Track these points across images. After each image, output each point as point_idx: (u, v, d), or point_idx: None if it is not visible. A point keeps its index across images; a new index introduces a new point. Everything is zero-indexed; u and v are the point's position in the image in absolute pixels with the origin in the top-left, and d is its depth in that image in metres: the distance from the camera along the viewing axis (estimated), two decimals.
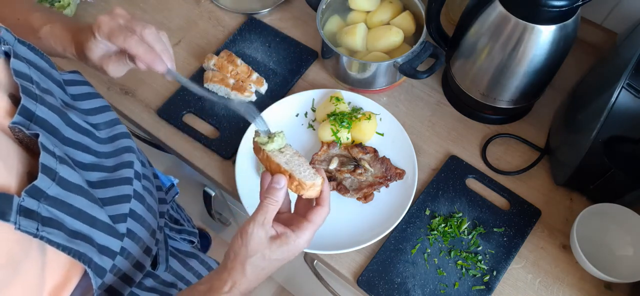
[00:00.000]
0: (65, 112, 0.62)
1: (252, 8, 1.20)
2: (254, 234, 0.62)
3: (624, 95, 0.73)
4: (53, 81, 0.64)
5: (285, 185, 0.65)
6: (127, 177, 0.68)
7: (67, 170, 0.55)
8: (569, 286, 0.85)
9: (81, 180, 0.58)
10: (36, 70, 0.61)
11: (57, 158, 0.54)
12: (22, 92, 0.55)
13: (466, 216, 0.90)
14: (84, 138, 0.65)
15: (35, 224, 0.50)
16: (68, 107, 0.65)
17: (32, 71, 0.59)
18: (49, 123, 0.58)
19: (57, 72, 0.66)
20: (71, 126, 0.63)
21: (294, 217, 0.68)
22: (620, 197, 0.85)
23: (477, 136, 1.01)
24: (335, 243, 0.86)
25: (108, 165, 0.67)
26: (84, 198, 0.57)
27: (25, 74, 0.57)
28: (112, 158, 0.69)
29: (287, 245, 0.63)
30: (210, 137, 1.01)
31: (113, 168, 0.68)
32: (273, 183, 0.65)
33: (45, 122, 0.57)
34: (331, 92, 1.01)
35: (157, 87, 1.08)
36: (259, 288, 2.08)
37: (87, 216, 0.58)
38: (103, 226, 0.60)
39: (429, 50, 0.98)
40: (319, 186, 0.68)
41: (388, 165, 0.92)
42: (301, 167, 0.68)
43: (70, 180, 0.56)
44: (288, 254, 0.64)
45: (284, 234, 0.63)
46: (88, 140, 0.66)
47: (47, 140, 0.54)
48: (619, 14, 1.02)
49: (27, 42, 0.62)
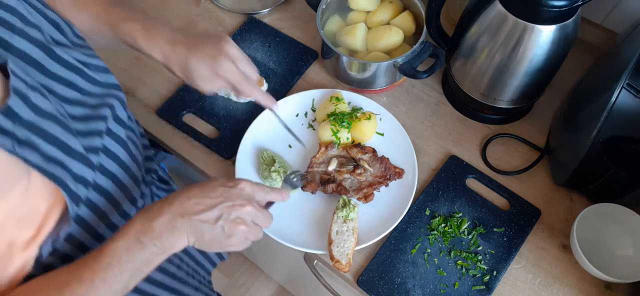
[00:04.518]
0: (51, 48, 0.64)
1: (252, 8, 1.20)
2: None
3: (624, 95, 0.73)
4: (47, 19, 0.66)
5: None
6: (103, 115, 0.70)
7: (39, 97, 0.58)
8: (569, 286, 0.85)
9: (54, 110, 0.60)
10: (27, 5, 0.63)
11: (28, 86, 0.56)
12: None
13: (466, 216, 0.90)
14: (71, 74, 0.67)
15: (12, 142, 0.53)
16: (59, 45, 0.67)
17: (20, 4, 0.61)
18: (29, 55, 0.60)
19: (52, 12, 0.68)
20: (57, 61, 0.65)
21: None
22: (620, 197, 0.85)
23: (477, 136, 1.01)
24: None
25: (91, 103, 0.70)
26: (58, 125, 0.60)
27: (9, 6, 0.59)
28: (97, 98, 0.71)
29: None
30: (210, 137, 1.01)
31: (95, 107, 0.70)
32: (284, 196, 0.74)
33: (23, 53, 0.60)
34: (331, 92, 1.01)
35: (157, 87, 1.08)
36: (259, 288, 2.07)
37: (62, 143, 0.60)
38: (77, 155, 0.62)
39: (429, 50, 0.98)
40: (340, 269, 0.82)
41: (387, 164, 0.92)
42: (344, 244, 0.83)
43: (42, 107, 0.58)
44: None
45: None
46: (75, 77, 0.68)
47: (18, 68, 0.56)
48: (619, 14, 1.02)
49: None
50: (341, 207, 0.85)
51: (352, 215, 0.85)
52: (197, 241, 0.65)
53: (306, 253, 0.95)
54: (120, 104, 0.75)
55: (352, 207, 0.85)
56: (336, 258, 0.82)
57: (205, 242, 0.65)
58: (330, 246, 0.83)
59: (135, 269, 0.62)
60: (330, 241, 0.83)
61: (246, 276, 1.91)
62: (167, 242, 0.63)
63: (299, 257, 1.05)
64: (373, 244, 0.88)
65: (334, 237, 0.83)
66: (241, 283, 1.89)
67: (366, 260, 0.87)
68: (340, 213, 0.84)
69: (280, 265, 1.57)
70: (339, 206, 0.86)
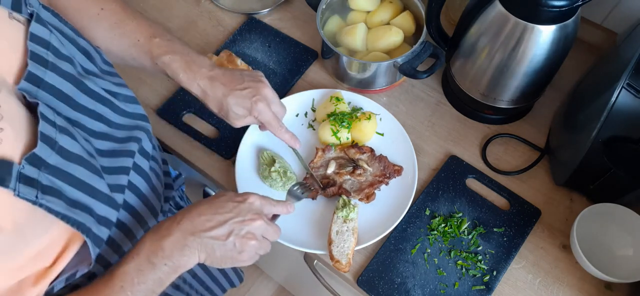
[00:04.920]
0: (82, 80, 0.63)
1: (252, 8, 1.20)
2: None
3: (624, 95, 0.73)
4: (78, 48, 0.65)
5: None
6: (131, 150, 0.70)
7: (67, 139, 0.57)
8: (569, 286, 0.85)
9: (82, 150, 0.59)
10: (60, 36, 0.61)
11: (57, 128, 0.55)
12: (30, 58, 0.56)
13: (466, 216, 0.90)
14: (100, 107, 0.66)
15: (35, 191, 0.51)
16: (89, 75, 0.66)
17: (54, 36, 0.60)
18: (59, 90, 0.59)
19: (83, 40, 0.67)
20: (87, 93, 0.64)
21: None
22: (620, 197, 0.85)
23: (477, 136, 1.01)
24: None
25: (118, 136, 0.69)
26: (84, 168, 0.58)
27: (43, 39, 0.58)
28: (125, 131, 0.70)
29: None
30: (210, 137, 1.01)
31: (122, 140, 0.69)
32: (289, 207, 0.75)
33: (54, 88, 0.58)
34: (331, 92, 1.01)
35: (157, 87, 1.08)
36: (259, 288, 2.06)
37: (87, 186, 0.59)
38: (103, 197, 0.61)
39: (429, 50, 0.98)
40: (340, 269, 0.82)
41: (386, 163, 0.92)
42: (344, 244, 0.83)
43: (70, 150, 0.57)
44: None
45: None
46: (104, 109, 0.67)
47: (47, 109, 0.55)
48: (619, 14, 1.02)
49: (51, 7, 0.63)
50: (341, 207, 0.85)
51: (352, 215, 0.85)
52: (208, 258, 0.65)
53: (306, 253, 0.95)
54: (147, 136, 0.75)
55: (352, 207, 0.85)
56: (336, 258, 0.82)
57: (217, 259, 0.65)
58: (330, 246, 0.83)
59: (149, 290, 0.61)
60: (330, 241, 0.83)
61: (246, 277, 1.90)
62: (178, 261, 0.62)
63: (299, 257, 1.05)
64: (373, 244, 0.88)
65: (334, 237, 0.83)
66: (241, 283, 1.89)
67: (366, 260, 0.87)
68: (340, 213, 0.84)
69: (280, 265, 1.57)
70: (338, 206, 0.86)
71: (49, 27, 0.59)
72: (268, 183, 0.91)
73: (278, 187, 0.91)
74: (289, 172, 0.92)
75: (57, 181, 0.54)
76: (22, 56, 0.56)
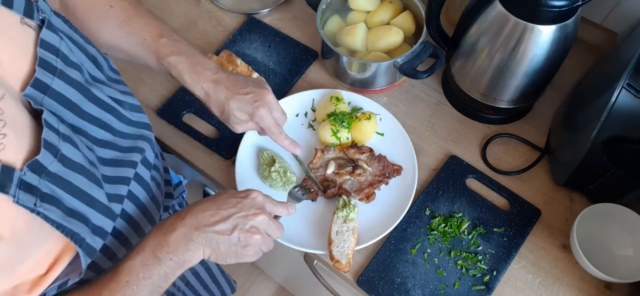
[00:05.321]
0: (88, 87, 0.63)
1: (252, 8, 1.20)
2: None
3: (624, 95, 0.73)
4: (87, 55, 0.65)
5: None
6: (133, 161, 0.69)
7: (69, 147, 0.56)
8: (569, 286, 0.85)
9: (83, 158, 0.59)
10: (70, 43, 0.61)
11: (60, 136, 0.55)
12: (39, 64, 0.55)
13: (466, 216, 0.90)
14: (105, 115, 0.66)
15: (34, 199, 0.51)
16: (96, 82, 0.65)
17: (63, 43, 0.59)
18: (66, 97, 0.59)
19: (92, 47, 0.67)
20: (93, 101, 0.64)
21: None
22: (620, 197, 0.85)
23: (477, 136, 1.01)
24: None
25: (122, 145, 0.69)
26: (84, 177, 0.58)
27: (53, 46, 0.58)
28: (129, 140, 0.70)
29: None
30: (210, 137, 1.01)
31: (126, 150, 0.69)
32: (290, 209, 0.75)
33: (60, 96, 0.58)
34: (331, 92, 1.01)
35: (157, 87, 1.08)
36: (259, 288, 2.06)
37: (86, 195, 0.59)
38: (100, 206, 0.61)
39: (429, 50, 0.98)
40: (340, 269, 0.82)
41: (385, 163, 0.92)
42: (344, 244, 0.83)
43: (72, 158, 0.57)
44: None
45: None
46: (109, 117, 0.67)
47: (52, 116, 0.55)
48: (619, 14, 1.02)
49: (62, 14, 0.63)
50: (341, 207, 0.85)
51: (352, 215, 0.85)
52: (213, 254, 0.65)
53: (306, 253, 0.95)
54: (150, 145, 0.75)
55: (352, 207, 0.85)
56: (336, 258, 0.82)
57: (221, 254, 0.65)
58: (330, 246, 0.83)
59: (154, 285, 0.61)
60: (330, 241, 0.83)
61: (246, 276, 1.91)
62: (183, 256, 0.62)
63: (299, 257, 1.05)
64: (373, 244, 0.88)
65: (334, 237, 0.83)
66: (241, 283, 1.89)
67: (366, 260, 0.87)
68: (340, 213, 0.84)
69: (280, 265, 1.57)
70: (339, 206, 0.86)
71: (59, 34, 0.59)
72: (268, 183, 0.91)
73: (278, 187, 0.91)
74: (288, 172, 0.92)
75: (56, 189, 0.54)
76: (30, 62, 0.55)
